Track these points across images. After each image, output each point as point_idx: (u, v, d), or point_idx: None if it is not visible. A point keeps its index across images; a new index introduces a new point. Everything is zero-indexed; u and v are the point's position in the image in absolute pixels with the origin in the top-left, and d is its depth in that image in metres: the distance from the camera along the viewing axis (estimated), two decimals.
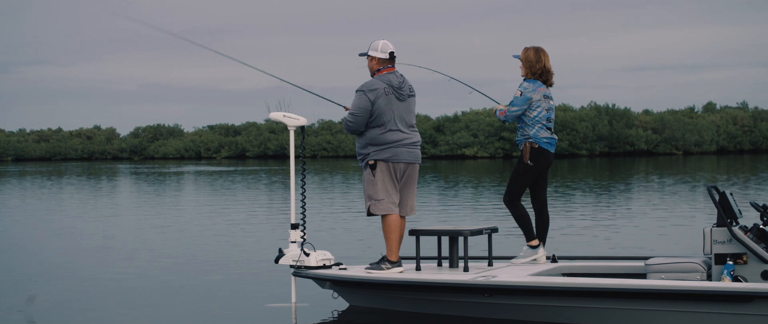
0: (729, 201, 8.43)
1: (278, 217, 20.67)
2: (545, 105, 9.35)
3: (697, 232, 15.86)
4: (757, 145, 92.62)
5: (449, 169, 54.17)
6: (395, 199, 9.13)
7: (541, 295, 8.31)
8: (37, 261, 13.66)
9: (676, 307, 7.89)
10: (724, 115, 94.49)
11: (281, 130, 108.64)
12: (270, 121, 16.47)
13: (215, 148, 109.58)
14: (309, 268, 9.41)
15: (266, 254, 13.39)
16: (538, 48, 9.53)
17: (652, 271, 8.48)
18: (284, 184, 37.76)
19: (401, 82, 9.17)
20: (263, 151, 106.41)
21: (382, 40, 9.25)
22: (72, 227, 19.06)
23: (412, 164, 9.20)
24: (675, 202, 23.61)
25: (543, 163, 9.37)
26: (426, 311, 9.03)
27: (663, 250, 13.12)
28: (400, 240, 9.19)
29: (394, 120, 9.09)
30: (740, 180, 35.04)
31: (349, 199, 26.63)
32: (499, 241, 13.28)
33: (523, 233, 9.47)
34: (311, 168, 62.40)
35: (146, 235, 17.04)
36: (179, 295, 10.46)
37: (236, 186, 36.84)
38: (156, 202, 27.39)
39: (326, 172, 53.72)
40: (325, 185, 36.62)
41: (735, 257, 8.23)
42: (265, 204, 25.74)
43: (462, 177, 42.97)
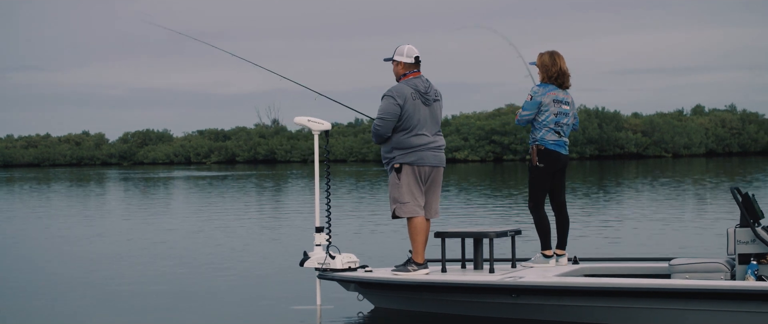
0: (752, 201, 8.57)
1: (295, 220, 20.74)
2: (554, 109, 9.47)
3: (706, 232, 16.03)
4: (746, 147, 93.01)
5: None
6: (421, 201, 9.26)
7: (568, 295, 8.45)
8: (52, 268, 13.74)
9: (703, 307, 8.04)
10: (713, 117, 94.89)
11: (271, 135, 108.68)
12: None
13: (205, 153, 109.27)
14: (335, 270, 9.52)
15: (289, 257, 13.54)
16: (553, 52, 9.68)
17: (677, 272, 8.62)
18: (290, 188, 37.81)
19: (427, 87, 9.29)
20: (253, 156, 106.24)
21: (407, 44, 9.38)
22: (87, 232, 19.12)
23: (437, 168, 9.32)
24: (682, 202, 23.79)
25: (553, 164, 9.49)
26: (451, 312, 9.16)
27: (671, 250, 13.28)
28: (425, 242, 9.31)
29: (421, 124, 9.21)
30: (743, 181, 35.26)
31: (365, 203, 26.72)
32: (519, 243, 13.42)
33: (540, 240, 9.59)
34: (303, 172, 62.43)
35: (165, 240, 17.11)
36: (204, 299, 10.56)
37: (243, 190, 36.88)
38: (168, 207, 27.38)
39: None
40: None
41: (759, 257, 8.38)
42: (279, 207, 25.80)
43: (453, 180, 43.05)
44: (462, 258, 9.71)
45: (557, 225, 9.67)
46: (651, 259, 9.64)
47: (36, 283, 11.82)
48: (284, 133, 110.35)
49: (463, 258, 9.71)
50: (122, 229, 19.47)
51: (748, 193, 8.65)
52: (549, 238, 9.54)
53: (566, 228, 9.69)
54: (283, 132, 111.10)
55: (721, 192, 28.53)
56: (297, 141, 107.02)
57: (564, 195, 9.71)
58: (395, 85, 9.32)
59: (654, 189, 31.31)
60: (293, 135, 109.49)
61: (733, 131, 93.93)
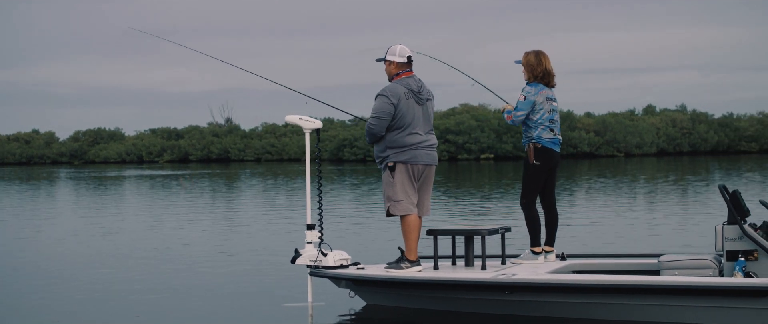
0: (739, 199, 8.78)
1: (278, 219, 20.76)
2: (548, 107, 9.66)
3: (670, 229, 16.32)
4: (696, 147, 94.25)
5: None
6: (414, 199, 9.38)
7: (562, 292, 8.60)
8: (46, 267, 13.68)
9: (693, 303, 8.23)
10: (664, 117, 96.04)
11: (224, 134, 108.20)
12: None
13: (157, 152, 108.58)
14: (327, 267, 9.60)
15: (280, 255, 13.64)
16: (538, 51, 9.84)
17: (666, 268, 8.81)
18: (260, 186, 37.74)
19: (420, 87, 9.41)
20: (206, 155, 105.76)
21: (399, 44, 9.50)
22: (80, 231, 19.01)
23: (430, 166, 9.44)
24: (647, 200, 24.14)
25: (548, 162, 9.67)
26: (443, 309, 9.28)
27: (645, 246, 13.51)
28: (418, 237, 9.43)
29: (414, 123, 9.32)
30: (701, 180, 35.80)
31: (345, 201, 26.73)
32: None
33: (530, 237, 9.74)
34: (261, 171, 62.34)
35: (155, 237, 17.10)
36: (195, 296, 10.59)
37: (215, 189, 36.75)
38: (147, 205, 27.20)
39: (288, 175, 53.67)
40: (302, 188, 36.65)
41: (746, 254, 8.58)
42: (259, 206, 25.77)
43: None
44: (452, 255, 9.83)
45: (546, 222, 9.83)
46: (639, 256, 9.82)
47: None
48: (238, 132, 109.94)
49: (453, 255, 9.83)
50: (97, 227, 19.38)
51: (736, 191, 8.85)
52: (539, 235, 9.70)
53: (555, 225, 9.86)
54: (237, 131, 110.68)
55: (675, 190, 28.96)
56: (250, 140, 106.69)
57: (554, 193, 9.87)
58: (389, 85, 9.42)
59: (615, 188, 31.68)
60: (247, 134, 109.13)
61: (684, 131, 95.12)
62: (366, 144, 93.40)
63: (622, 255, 9.98)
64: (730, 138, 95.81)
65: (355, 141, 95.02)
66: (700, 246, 13.39)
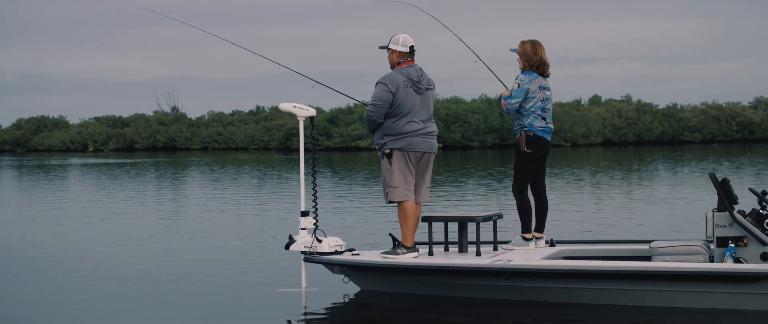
0: (728, 187, 9.02)
1: (263, 206, 20.77)
2: (541, 96, 9.83)
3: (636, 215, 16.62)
4: (641, 136, 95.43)
5: (344, 162, 54.43)
6: (411, 186, 9.51)
7: (559, 277, 8.78)
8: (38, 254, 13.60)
9: (687, 288, 8.48)
10: (610, 107, 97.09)
11: (170, 122, 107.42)
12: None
13: (102, 140, 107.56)
14: (322, 253, 9.69)
15: (272, 241, 13.83)
16: (535, 41, 10.00)
17: (658, 254, 9.02)
18: (228, 173, 37.60)
19: (420, 76, 9.54)
20: (152, 143, 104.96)
21: (402, 34, 9.61)
22: (73, 221, 18.86)
23: (428, 153, 9.57)
24: (596, 188, 24.50)
25: (540, 150, 9.83)
26: (437, 294, 9.43)
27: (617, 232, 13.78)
28: (415, 226, 9.56)
29: (412, 112, 9.46)
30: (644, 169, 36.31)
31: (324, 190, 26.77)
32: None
33: (521, 224, 9.90)
34: (210, 159, 62.08)
35: (145, 227, 17.02)
36: (186, 284, 10.62)
37: (187, 177, 36.55)
38: (130, 194, 26.96)
39: (249, 164, 53.47)
40: (272, 177, 36.58)
41: (736, 240, 8.82)
42: (239, 194, 25.71)
43: (355, 170, 43.34)
44: (445, 241, 9.97)
45: (536, 209, 9.98)
46: (629, 242, 10.02)
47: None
48: (184, 121, 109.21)
49: (446, 241, 9.97)
50: (80, 216, 19.27)
51: (726, 179, 9.08)
52: (530, 222, 9.86)
53: (545, 212, 10.03)
54: (183, 119, 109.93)
55: (615, 178, 29.41)
56: (197, 128, 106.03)
57: (544, 181, 10.04)
58: (388, 73, 9.55)
59: (576, 177, 32.07)
60: (193, 122, 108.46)
61: (629, 121, 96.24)
62: (313, 132, 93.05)
63: (611, 241, 10.19)
64: (674, 128, 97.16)
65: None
66: (659, 231, 13.68)
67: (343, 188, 27.27)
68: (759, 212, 8.92)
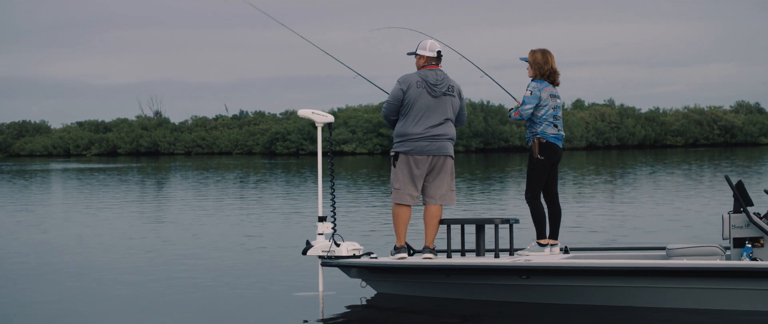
0: (744, 188, 9.14)
1: (271, 211, 20.79)
2: (552, 103, 9.93)
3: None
4: (624, 140, 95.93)
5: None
6: (412, 190, 9.67)
7: (581, 275, 8.86)
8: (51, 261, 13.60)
9: (712, 285, 8.61)
10: (593, 111, 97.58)
11: (153, 127, 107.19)
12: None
13: (85, 145, 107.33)
14: (340, 257, 9.76)
15: (288, 246, 13.90)
16: (545, 50, 10.12)
17: (675, 256, 9.13)
18: (225, 179, 37.54)
19: (438, 80, 9.63)
20: (135, 148, 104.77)
21: (430, 39, 9.79)
22: (78, 225, 18.83)
23: (437, 156, 9.68)
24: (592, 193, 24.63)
25: (552, 156, 9.94)
26: (456, 296, 9.50)
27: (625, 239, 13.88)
28: (406, 227, 9.76)
29: (422, 114, 9.58)
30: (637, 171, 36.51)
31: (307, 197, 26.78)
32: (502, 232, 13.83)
33: (536, 230, 9.99)
34: (194, 164, 61.98)
35: (160, 231, 17.08)
36: (205, 287, 10.68)
37: (185, 182, 36.49)
38: (139, 199, 26.91)
39: (236, 169, 53.39)
40: (253, 183, 36.55)
41: (753, 241, 8.94)
42: (248, 198, 25.71)
43: (341, 175, 43.39)
44: (462, 247, 10.03)
45: (550, 216, 10.05)
46: (643, 248, 10.11)
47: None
48: (167, 125, 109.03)
49: (462, 246, 10.03)
50: (99, 222, 19.24)
51: (741, 181, 9.21)
52: (545, 228, 9.94)
53: (559, 218, 10.10)
54: (167, 124, 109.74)
55: (601, 182, 29.58)
56: (180, 133, 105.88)
57: (557, 187, 10.13)
58: (406, 73, 9.69)
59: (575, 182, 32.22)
60: (176, 127, 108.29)
61: (612, 125, 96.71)
62: (298, 137, 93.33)
63: (626, 248, 10.28)
64: (657, 132, 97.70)
65: (287, 134, 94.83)
66: (674, 236, 13.80)
67: (355, 193, 27.32)
68: None
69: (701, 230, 15.09)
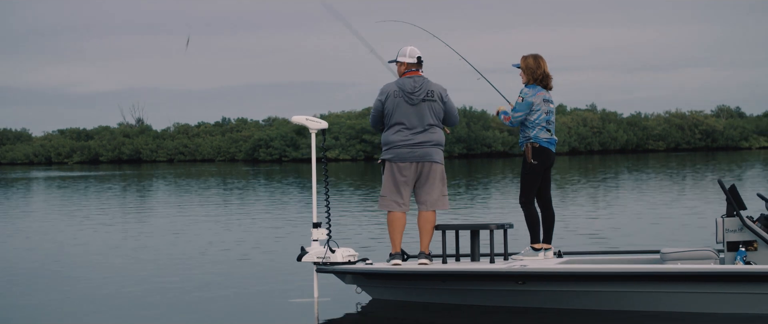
0: (737, 193, 9.20)
1: (263, 218, 20.77)
2: (545, 108, 9.97)
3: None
4: (606, 145, 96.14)
5: (310, 172, 53.97)
6: (398, 198, 9.74)
7: (577, 280, 8.90)
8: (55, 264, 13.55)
9: (706, 289, 8.65)
10: (575, 116, 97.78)
11: (136, 135, 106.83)
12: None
13: (66, 153, 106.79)
14: (336, 264, 9.77)
15: (282, 252, 13.95)
16: (536, 55, 10.17)
17: (669, 260, 9.18)
18: (212, 186, 37.47)
19: (415, 87, 9.70)
20: (117, 156, 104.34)
21: (409, 46, 9.82)
22: (82, 232, 18.76)
23: (421, 163, 9.73)
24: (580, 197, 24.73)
25: (545, 161, 9.98)
26: (451, 302, 9.54)
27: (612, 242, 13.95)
28: (400, 234, 9.78)
29: (402, 122, 9.71)
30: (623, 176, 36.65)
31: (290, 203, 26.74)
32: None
33: (530, 234, 10.02)
34: (180, 172, 61.82)
35: (155, 237, 17.10)
36: (200, 293, 10.67)
37: (179, 189, 36.39)
38: (128, 207, 26.82)
39: (218, 176, 53.29)
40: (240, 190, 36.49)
41: (746, 244, 9.01)
42: (238, 205, 25.67)
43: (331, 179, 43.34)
44: (456, 252, 10.06)
45: (543, 220, 10.09)
46: (637, 252, 10.16)
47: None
48: (149, 133, 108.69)
49: (457, 252, 10.06)
50: (92, 230, 19.19)
51: (733, 185, 9.28)
52: (538, 232, 9.98)
53: (552, 223, 10.13)
54: (149, 131, 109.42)
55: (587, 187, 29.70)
56: (163, 140, 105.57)
57: (550, 192, 10.16)
58: (387, 83, 9.89)
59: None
60: (159, 134, 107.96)
61: (594, 130, 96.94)
62: (281, 144, 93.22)
63: (620, 251, 10.33)
64: (639, 137, 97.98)
65: (270, 141, 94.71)
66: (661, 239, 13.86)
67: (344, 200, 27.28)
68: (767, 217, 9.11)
69: (688, 233, 15.18)
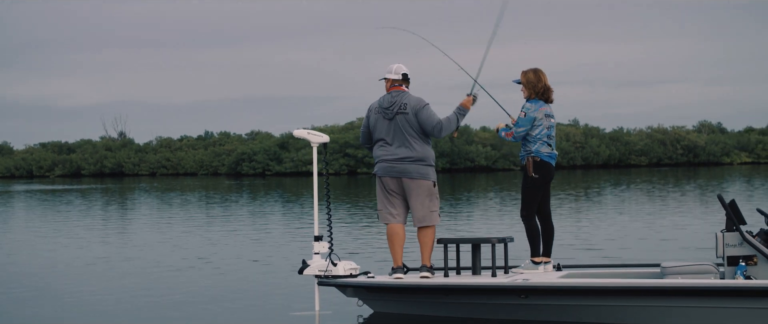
0: (737, 207, 9.29)
1: (261, 232, 20.74)
2: (546, 123, 10.05)
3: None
4: (588, 160, 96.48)
5: (294, 186, 54.36)
6: (391, 210, 9.86)
7: (578, 294, 8.97)
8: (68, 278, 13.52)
9: (706, 304, 8.71)
10: (558, 131, 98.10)
11: (118, 148, 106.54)
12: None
13: (48, 167, 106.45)
14: (338, 277, 9.81)
15: (283, 265, 14.03)
16: (536, 69, 10.26)
17: (669, 274, 9.25)
18: (215, 199, 37.39)
19: (391, 103, 9.84)
20: (99, 169, 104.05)
21: (396, 63, 10.00)
22: (91, 244, 18.71)
23: (401, 178, 9.80)
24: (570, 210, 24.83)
25: (546, 175, 10.05)
26: (452, 315, 9.58)
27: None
28: (400, 247, 9.84)
29: (382, 137, 9.90)
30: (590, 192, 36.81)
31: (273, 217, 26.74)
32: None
33: (530, 248, 10.07)
34: (161, 186, 61.68)
35: (157, 250, 17.11)
36: (201, 306, 10.69)
37: (177, 202, 36.31)
38: (129, 220, 26.73)
39: (200, 190, 53.15)
40: (231, 203, 36.44)
41: (746, 259, 9.08)
42: (228, 219, 25.62)
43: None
44: (457, 265, 10.12)
45: (543, 234, 10.14)
46: (636, 265, 10.22)
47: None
48: (132, 146, 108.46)
49: (458, 265, 10.12)
50: (117, 242, 19.14)
51: (733, 200, 9.36)
52: (539, 246, 10.04)
53: (552, 236, 10.18)
54: (131, 145, 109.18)
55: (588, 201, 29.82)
56: (145, 154, 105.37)
57: (549, 205, 10.23)
58: (374, 100, 10.06)
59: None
60: (141, 148, 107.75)
61: (577, 145, 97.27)
62: (264, 158, 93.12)
63: (620, 265, 10.39)
64: (621, 152, 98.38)
65: (253, 155, 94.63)
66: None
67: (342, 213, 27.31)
68: (767, 231, 9.19)
69: (672, 246, 15.28)
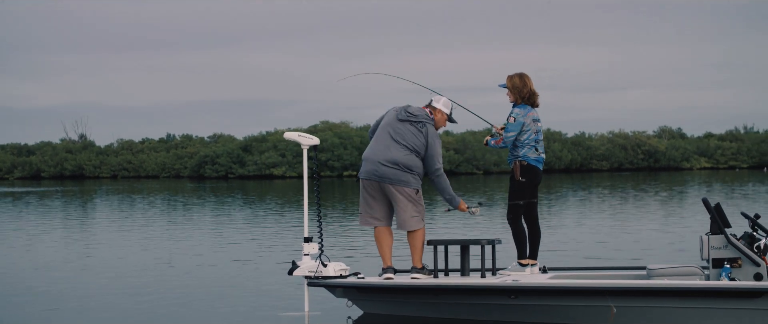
0: (722, 211, 9.48)
1: (246, 233, 20.71)
2: (534, 127, 10.20)
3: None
4: (550, 164, 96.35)
5: (258, 189, 54.26)
6: (371, 212, 9.92)
7: (567, 295, 9.12)
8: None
9: (693, 305, 8.90)
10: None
11: (78, 150, 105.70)
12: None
13: (7, 169, 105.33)
14: (328, 278, 9.88)
15: (272, 266, 14.08)
16: (522, 74, 10.40)
17: (656, 276, 9.42)
18: (179, 202, 37.21)
19: (416, 115, 9.94)
20: (60, 172, 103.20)
21: (444, 97, 10.19)
22: (98, 242, 18.58)
23: (379, 182, 9.82)
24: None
25: (533, 179, 10.19)
26: (441, 316, 9.70)
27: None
28: (387, 248, 9.92)
29: (377, 136, 9.95)
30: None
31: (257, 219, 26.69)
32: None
33: (517, 250, 10.20)
34: (120, 188, 61.31)
35: (148, 250, 17.12)
36: (189, 308, 10.73)
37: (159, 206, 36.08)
38: (109, 224, 26.56)
39: (165, 192, 52.91)
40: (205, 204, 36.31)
41: (731, 261, 9.27)
42: (212, 222, 25.56)
43: (271, 196, 43.33)
44: (446, 267, 10.22)
45: (530, 236, 10.25)
46: (622, 268, 10.39)
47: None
48: (93, 148, 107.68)
49: (446, 266, 10.22)
50: (104, 245, 19.03)
51: (718, 204, 9.55)
52: (526, 248, 10.17)
53: (538, 239, 10.32)
54: (92, 147, 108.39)
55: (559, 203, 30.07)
56: (106, 156, 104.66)
57: (537, 209, 10.37)
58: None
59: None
60: (102, 150, 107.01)
61: None
62: (227, 160, 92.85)
63: (605, 268, 10.55)
64: (583, 156, 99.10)
65: (216, 158, 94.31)
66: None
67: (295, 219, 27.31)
68: (752, 235, 9.40)
69: (664, 249, 15.49)
